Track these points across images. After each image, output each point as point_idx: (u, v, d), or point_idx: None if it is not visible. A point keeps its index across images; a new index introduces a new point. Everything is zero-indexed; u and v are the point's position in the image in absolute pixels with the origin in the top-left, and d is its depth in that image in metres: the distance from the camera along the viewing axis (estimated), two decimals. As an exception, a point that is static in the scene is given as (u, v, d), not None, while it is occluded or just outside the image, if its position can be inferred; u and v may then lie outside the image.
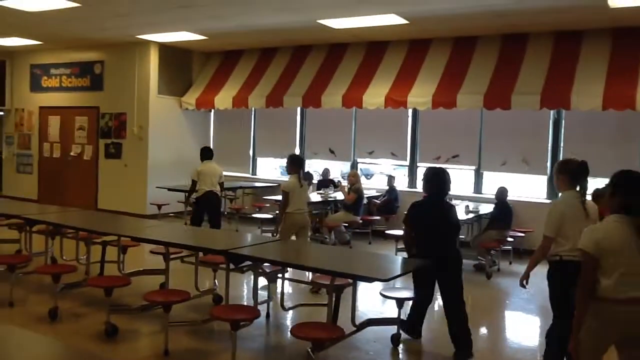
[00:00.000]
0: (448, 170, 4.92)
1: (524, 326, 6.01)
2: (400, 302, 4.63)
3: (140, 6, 8.36)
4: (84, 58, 12.13)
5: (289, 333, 4.76)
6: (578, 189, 4.04)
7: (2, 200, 9.47)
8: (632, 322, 2.94)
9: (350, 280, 4.47)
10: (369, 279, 3.96)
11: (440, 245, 4.62)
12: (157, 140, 11.34)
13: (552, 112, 9.15)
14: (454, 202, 9.17)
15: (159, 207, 10.35)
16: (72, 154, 12.48)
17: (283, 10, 8.24)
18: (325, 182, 10.52)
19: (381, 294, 4.81)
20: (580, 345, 3.01)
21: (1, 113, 13.83)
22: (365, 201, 9.47)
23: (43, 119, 13.05)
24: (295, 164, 6.69)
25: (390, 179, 10.21)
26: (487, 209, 8.60)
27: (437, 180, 4.78)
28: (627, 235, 2.94)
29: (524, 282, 4.21)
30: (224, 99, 11.37)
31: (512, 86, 8.72)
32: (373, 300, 5.95)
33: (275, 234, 6.52)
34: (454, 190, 9.51)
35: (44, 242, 6.31)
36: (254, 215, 10.06)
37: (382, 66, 10.03)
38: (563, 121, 9.24)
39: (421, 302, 4.87)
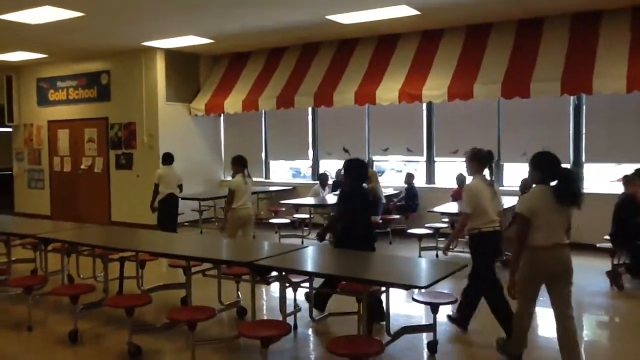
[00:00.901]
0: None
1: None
2: (435, 307, 4.39)
3: (144, 12, 8.18)
4: (90, 69, 11.98)
5: (321, 346, 4.54)
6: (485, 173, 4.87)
7: (15, 219, 9.32)
8: (556, 262, 3.92)
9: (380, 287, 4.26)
10: (406, 287, 3.72)
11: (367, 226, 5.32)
12: (168, 149, 11.00)
13: (572, 98, 8.86)
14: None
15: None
16: (82, 167, 12.34)
17: (290, 8, 8.03)
18: (340, 183, 10.26)
19: (415, 299, 4.57)
20: (518, 287, 3.95)
21: (10, 129, 13.72)
22: (384, 200, 9.21)
23: (52, 133, 12.92)
24: (238, 164, 7.30)
25: (409, 176, 9.94)
26: (509, 201, 8.28)
27: (357, 170, 5.38)
28: (547, 199, 3.89)
29: (445, 252, 5.38)
30: (233, 102, 11.16)
31: (530, 73, 8.43)
32: (398, 306, 5.71)
33: (222, 230, 7.31)
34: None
35: (59, 260, 6.13)
36: (271, 221, 9.85)
37: (394, 60, 9.77)
38: (584, 107, 8.94)
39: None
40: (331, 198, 9.53)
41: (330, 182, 10.51)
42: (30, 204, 13.29)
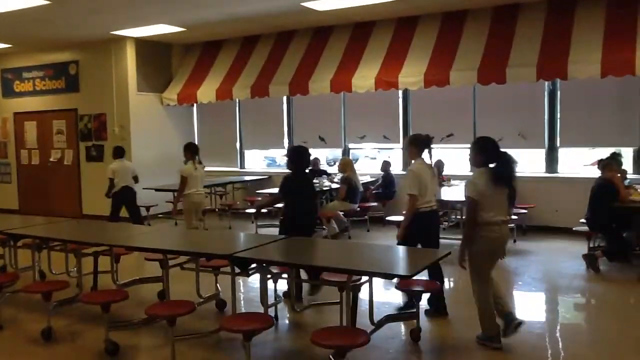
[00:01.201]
0: (444, 149, 5.68)
1: (535, 307, 5.78)
2: (417, 295, 4.35)
3: (114, 0, 7.92)
4: (58, 59, 11.62)
5: (305, 337, 4.46)
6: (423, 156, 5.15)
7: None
8: (503, 236, 4.38)
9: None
10: (390, 276, 3.66)
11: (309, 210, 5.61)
12: (140, 140, 10.92)
13: (547, 83, 8.91)
14: (453, 182, 9.00)
15: (148, 208, 9.98)
16: (52, 159, 12.00)
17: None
18: (317, 172, 10.17)
19: (398, 287, 4.52)
20: (474, 262, 4.31)
21: (-26, 122, 13.26)
22: (361, 189, 9.16)
23: (18, 125, 12.54)
24: (189, 151, 7.67)
25: (386, 164, 9.91)
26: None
27: (299, 157, 5.64)
28: (488, 181, 4.23)
29: (398, 240, 5.11)
30: (206, 92, 10.96)
31: (506, 59, 8.43)
32: (378, 294, 5.67)
33: (173, 214, 7.93)
34: (452, 170, 9.48)
35: (30, 256, 5.92)
36: (247, 211, 9.73)
37: (369, 47, 9.69)
38: (559, 92, 9.01)
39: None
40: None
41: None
42: (-3, 199, 12.91)
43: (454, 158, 9.85)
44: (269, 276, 4.57)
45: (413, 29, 9.45)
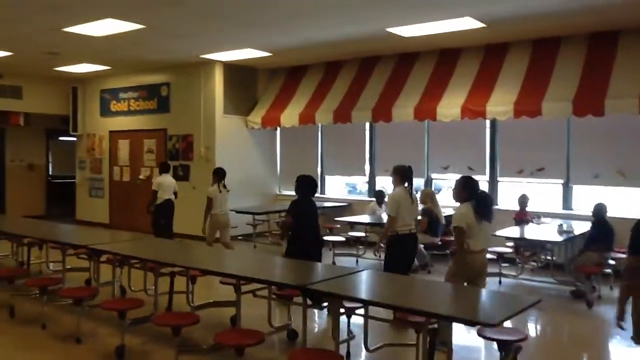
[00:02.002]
0: (533, 184, 5.98)
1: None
2: (504, 344, 4.00)
3: (204, 25, 8.17)
4: (151, 81, 12.15)
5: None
6: (406, 184, 6.04)
7: (73, 228, 9.45)
8: (481, 263, 5.00)
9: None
10: (473, 323, 3.37)
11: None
12: (224, 161, 11.08)
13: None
14: (543, 220, 8.44)
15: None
16: (141, 177, 12.47)
17: (350, 21, 7.82)
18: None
19: (481, 335, 4.20)
20: (453, 278, 5.00)
21: (74, 139, 14.10)
22: (443, 221, 8.80)
23: (113, 143, 13.18)
24: (217, 175, 8.60)
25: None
26: (580, 227, 7.73)
27: (307, 184, 6.50)
28: (472, 214, 4.90)
29: (375, 252, 6.49)
30: (289, 116, 11.04)
31: (604, 89, 7.90)
32: (458, 337, 5.33)
33: (203, 232, 8.57)
34: (540, 206, 8.92)
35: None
36: (325, 238, 9.59)
37: (456, 74, 9.41)
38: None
39: None
40: (384, 216, 9.20)
41: (387, 199, 10.18)
42: (90, 212, 13.57)
43: (544, 193, 9.31)
44: (342, 310, 4.39)
45: (502, 56, 9.08)
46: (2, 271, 6.59)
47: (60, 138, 15.32)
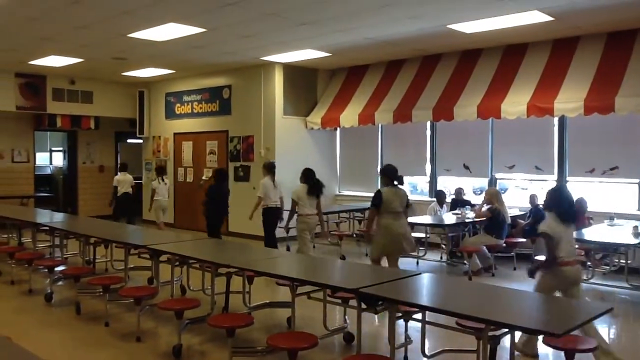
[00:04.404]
0: (605, 184, 5.52)
1: None
2: (570, 354, 3.76)
3: (263, 27, 8.20)
4: (213, 83, 12.36)
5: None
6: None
7: (138, 228, 9.71)
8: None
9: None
10: (538, 332, 3.16)
11: None
12: (284, 162, 11.12)
13: None
14: (617, 221, 7.95)
15: (287, 230, 10.08)
16: (203, 178, 12.68)
17: (411, 18, 7.64)
18: (460, 202, 9.62)
19: (545, 343, 3.96)
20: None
21: (141, 141, 14.56)
22: (509, 221, 8.46)
23: (177, 144, 13.50)
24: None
25: (533, 197, 9.05)
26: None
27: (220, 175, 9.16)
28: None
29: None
30: (349, 116, 10.95)
31: (685, 83, 7.37)
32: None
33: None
34: (616, 208, 8.42)
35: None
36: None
37: (521, 71, 9.04)
38: None
39: None
40: (449, 217, 8.95)
41: (448, 199, 9.92)
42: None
43: (618, 193, 8.79)
44: (399, 314, 4.25)
45: (572, 51, 8.64)
46: (70, 269, 6.83)
47: (129, 140, 15.86)
